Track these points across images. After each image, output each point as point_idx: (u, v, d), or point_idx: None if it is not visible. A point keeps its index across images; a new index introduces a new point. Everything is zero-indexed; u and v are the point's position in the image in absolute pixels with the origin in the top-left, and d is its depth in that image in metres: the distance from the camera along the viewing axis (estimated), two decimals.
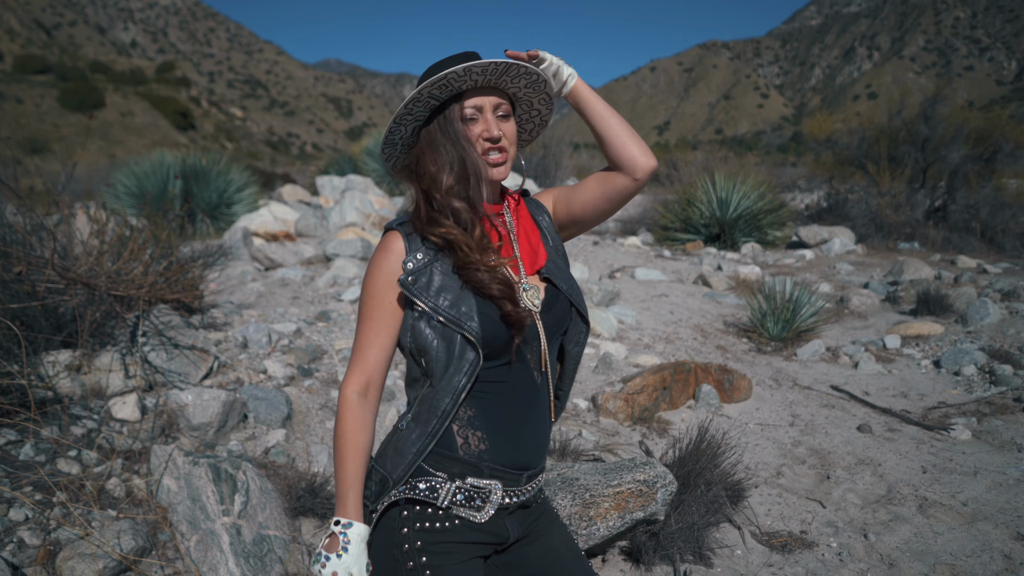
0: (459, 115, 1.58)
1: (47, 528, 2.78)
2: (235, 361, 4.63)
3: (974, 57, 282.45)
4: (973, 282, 8.06)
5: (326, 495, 3.35)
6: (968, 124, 12.83)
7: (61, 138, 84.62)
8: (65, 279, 3.69)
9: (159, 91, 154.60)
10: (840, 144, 14.34)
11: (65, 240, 4.17)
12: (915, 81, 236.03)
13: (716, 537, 3.29)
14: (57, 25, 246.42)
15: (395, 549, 1.53)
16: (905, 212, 12.53)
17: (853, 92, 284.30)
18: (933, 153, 13.06)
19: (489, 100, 1.59)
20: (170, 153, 12.29)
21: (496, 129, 1.58)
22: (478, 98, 1.58)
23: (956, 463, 4.07)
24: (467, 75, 1.52)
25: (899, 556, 3.19)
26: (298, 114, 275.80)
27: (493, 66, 1.53)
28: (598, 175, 1.71)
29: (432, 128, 1.60)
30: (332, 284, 6.97)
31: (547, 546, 1.69)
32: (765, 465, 4.14)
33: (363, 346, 1.58)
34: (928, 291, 7.03)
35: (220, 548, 2.86)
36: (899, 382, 5.47)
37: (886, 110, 14.12)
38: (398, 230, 1.58)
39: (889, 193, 12.90)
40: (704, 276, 8.55)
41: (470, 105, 1.58)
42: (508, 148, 1.62)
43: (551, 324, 1.62)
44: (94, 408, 3.62)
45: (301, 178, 23.02)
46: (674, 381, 4.88)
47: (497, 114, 1.60)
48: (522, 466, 1.59)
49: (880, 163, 13.29)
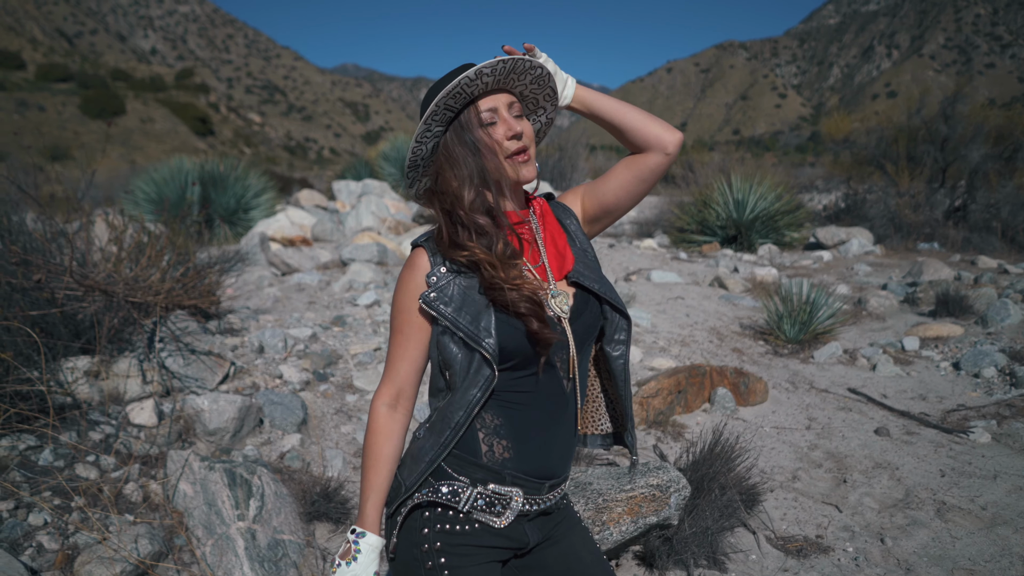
0: (476, 120, 1.56)
1: (65, 533, 2.82)
2: (251, 366, 4.67)
3: (995, 54, 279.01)
4: (994, 283, 7.97)
5: (340, 500, 3.37)
6: (988, 122, 12.67)
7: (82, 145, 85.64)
8: (83, 286, 3.74)
9: (178, 97, 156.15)
10: (858, 144, 14.21)
11: (84, 247, 4.22)
12: (935, 79, 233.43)
13: (730, 542, 3.28)
14: (79, 34, 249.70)
15: (415, 549, 1.55)
16: (924, 212, 12.40)
17: (872, 91, 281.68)
18: (953, 152, 12.91)
19: (502, 99, 1.58)
20: (189, 159, 12.42)
21: (517, 125, 1.57)
22: (491, 99, 1.57)
23: (975, 466, 4.02)
24: (478, 78, 1.51)
25: (916, 561, 3.16)
26: (316, 119, 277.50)
27: (502, 64, 1.52)
28: (625, 160, 1.71)
29: (449, 139, 1.58)
30: (348, 289, 7.01)
31: (567, 549, 1.69)
32: (781, 469, 4.11)
33: (393, 359, 1.61)
34: (947, 292, 6.96)
35: (235, 552, 2.89)
36: (917, 384, 5.41)
37: (905, 109, 13.98)
38: (424, 246, 1.61)
39: (908, 193, 12.77)
40: (720, 278, 8.51)
41: (485, 107, 1.56)
42: (530, 145, 1.61)
43: (581, 331, 1.61)
44: (112, 414, 3.67)
45: (318, 183, 23.16)
46: (689, 384, 4.86)
47: (513, 113, 1.59)
48: (545, 475, 1.60)
49: (899, 163, 13.16)
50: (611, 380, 1.74)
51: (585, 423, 1.81)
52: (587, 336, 1.63)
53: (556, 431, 1.60)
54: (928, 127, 13.25)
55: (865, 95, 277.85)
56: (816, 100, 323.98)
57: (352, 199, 13.55)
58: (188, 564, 2.86)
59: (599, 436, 1.81)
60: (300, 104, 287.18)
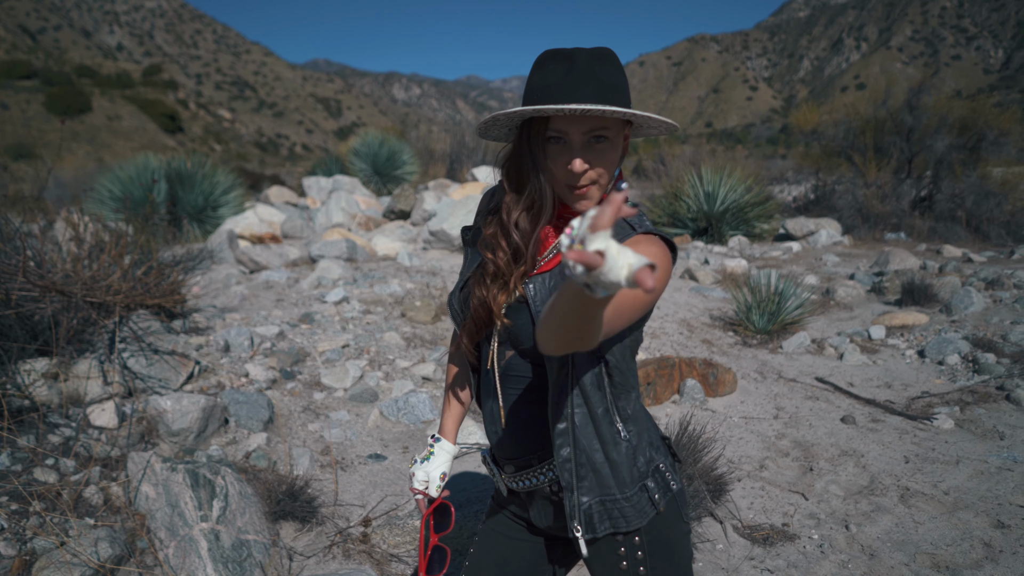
0: (543, 135, 1.42)
1: (23, 538, 2.76)
2: (216, 365, 4.61)
3: (961, 46, 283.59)
4: (958, 271, 8.10)
5: (306, 498, 3.34)
6: (952, 113, 12.86)
7: (47, 143, 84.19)
8: (38, 286, 3.67)
9: (146, 94, 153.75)
10: (826, 135, 14.36)
11: (41, 246, 4.14)
12: (902, 71, 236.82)
13: (697, 532, 3.29)
14: (42, 29, 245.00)
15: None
16: (891, 202, 12.58)
17: (842, 83, 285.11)
18: (918, 143, 13.10)
19: (577, 128, 1.38)
20: (156, 157, 12.22)
21: (582, 163, 1.39)
22: (563, 122, 1.39)
23: (938, 452, 4.08)
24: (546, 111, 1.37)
25: (880, 546, 3.20)
26: (287, 115, 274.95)
27: (582, 111, 1.34)
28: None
29: (522, 139, 1.46)
30: (316, 286, 6.95)
31: None
32: (748, 458, 4.14)
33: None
34: (913, 281, 7.05)
35: (198, 554, 2.85)
36: (883, 372, 5.48)
37: (872, 101, 14.15)
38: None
39: (875, 184, 12.94)
40: (691, 270, 8.56)
41: (554, 129, 1.40)
42: (600, 178, 1.43)
43: (505, 333, 1.55)
44: (71, 416, 3.60)
45: (289, 179, 22.96)
46: (658, 376, 4.88)
47: (589, 137, 1.39)
48: (502, 455, 1.63)
49: (866, 154, 13.32)
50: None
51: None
52: (512, 339, 1.54)
53: (497, 415, 1.60)
54: (894, 118, 13.42)
55: (835, 87, 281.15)
56: (787, 92, 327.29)
57: (323, 195, 13.44)
58: (150, 567, 2.82)
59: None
60: (271, 100, 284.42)
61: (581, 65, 1.37)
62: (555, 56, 1.39)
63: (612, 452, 1.50)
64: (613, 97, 1.38)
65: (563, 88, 1.36)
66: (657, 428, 1.68)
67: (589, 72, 1.36)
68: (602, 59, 1.39)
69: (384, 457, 4.06)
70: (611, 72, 1.39)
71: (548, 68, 1.39)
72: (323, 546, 3.17)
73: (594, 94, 1.36)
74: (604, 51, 1.41)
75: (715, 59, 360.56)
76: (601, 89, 1.37)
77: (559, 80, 1.36)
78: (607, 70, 1.38)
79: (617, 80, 1.40)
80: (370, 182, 15.61)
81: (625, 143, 1.49)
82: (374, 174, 15.86)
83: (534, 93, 1.39)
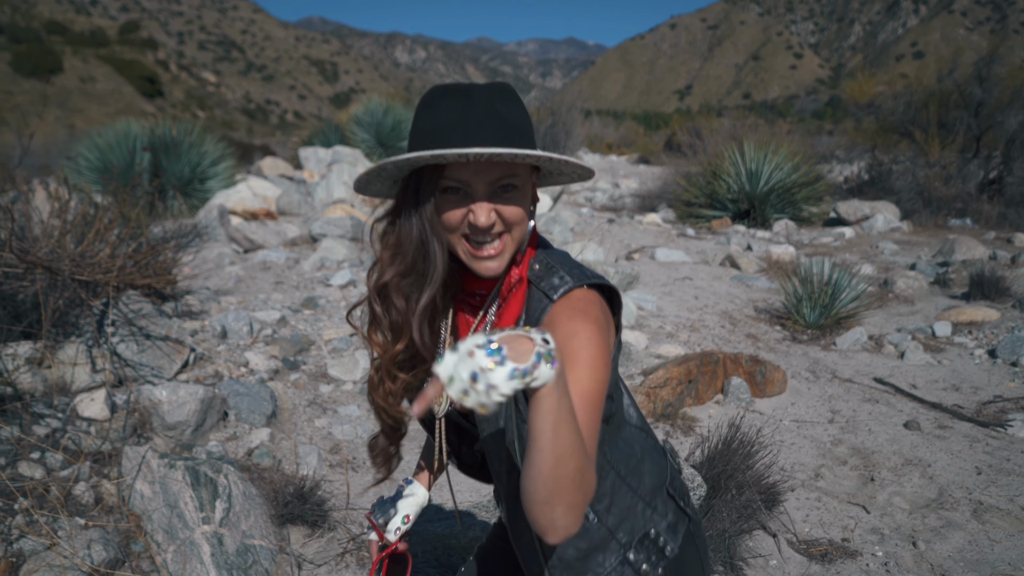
0: (435, 184, 1.30)
1: (9, 538, 2.79)
2: (213, 353, 4.64)
3: None
4: None
5: (316, 500, 3.36)
6: None
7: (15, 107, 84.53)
8: (24, 263, 3.69)
9: (123, 54, 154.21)
10: (884, 109, 14.25)
11: (23, 220, 4.17)
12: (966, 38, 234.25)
13: (749, 545, 3.30)
14: None
15: None
16: (956, 185, 12.47)
17: (897, 51, 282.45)
18: (988, 119, 12.97)
19: (482, 178, 1.28)
20: (137, 123, 12.26)
21: (487, 216, 1.29)
22: (464, 171, 1.28)
23: (1014, 463, 4.07)
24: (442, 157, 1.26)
25: (952, 566, 3.20)
26: (278, 79, 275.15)
27: (490, 155, 1.23)
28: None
29: (407, 193, 1.34)
30: (319, 267, 6.97)
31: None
32: (802, 466, 4.14)
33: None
34: (982, 272, 7.01)
35: (200, 560, 2.88)
36: (950, 374, 5.46)
37: (935, 71, 14.02)
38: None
39: (938, 164, 12.83)
40: (732, 257, 8.53)
41: (452, 178, 1.29)
42: (509, 232, 1.33)
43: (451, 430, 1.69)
44: (58, 405, 3.63)
45: (282, 150, 22.95)
46: (700, 374, 4.88)
47: (495, 187, 1.30)
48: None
49: (929, 130, 13.21)
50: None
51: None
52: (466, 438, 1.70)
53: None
54: (961, 91, 13.28)
55: (889, 55, 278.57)
56: (835, 61, 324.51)
57: (321, 168, 13.47)
58: (147, 572, 2.85)
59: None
60: (260, 62, 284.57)
61: (480, 103, 1.27)
62: (447, 93, 1.30)
63: (581, 543, 1.46)
64: (520, 139, 1.30)
65: (461, 130, 1.26)
66: (662, 473, 1.58)
67: (490, 111, 1.27)
68: (503, 96, 1.31)
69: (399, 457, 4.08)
70: (514, 111, 1.31)
71: (440, 107, 1.29)
72: (335, 553, 3.19)
73: (499, 136, 1.27)
74: (504, 86, 1.34)
75: (755, 22, 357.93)
76: (506, 130, 1.28)
77: (455, 120, 1.27)
78: (510, 108, 1.30)
79: (522, 120, 1.32)
80: (373, 153, 15.63)
81: (533, 191, 1.40)
82: (378, 145, 15.89)
83: (425, 137, 1.29)
